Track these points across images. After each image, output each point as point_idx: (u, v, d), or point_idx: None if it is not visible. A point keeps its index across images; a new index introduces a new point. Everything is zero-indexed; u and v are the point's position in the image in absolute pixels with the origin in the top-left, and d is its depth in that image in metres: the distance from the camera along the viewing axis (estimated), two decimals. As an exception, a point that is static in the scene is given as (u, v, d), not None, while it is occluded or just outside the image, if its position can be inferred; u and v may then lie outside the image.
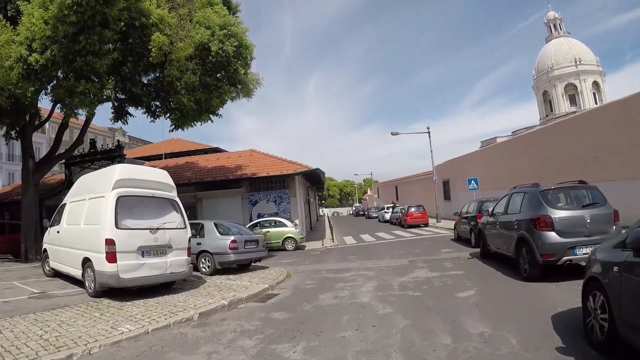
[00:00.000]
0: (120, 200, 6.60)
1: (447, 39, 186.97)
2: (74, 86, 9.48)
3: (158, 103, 13.03)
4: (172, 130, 12.95)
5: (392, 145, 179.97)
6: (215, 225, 10.04)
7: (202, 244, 9.62)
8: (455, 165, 26.56)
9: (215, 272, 9.43)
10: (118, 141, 20.56)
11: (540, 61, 45.93)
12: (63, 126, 13.96)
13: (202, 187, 19.11)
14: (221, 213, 18.80)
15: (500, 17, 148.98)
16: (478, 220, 10.67)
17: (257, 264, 10.98)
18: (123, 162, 20.54)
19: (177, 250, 7.22)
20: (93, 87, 9.70)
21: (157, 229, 6.95)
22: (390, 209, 31.37)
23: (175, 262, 7.13)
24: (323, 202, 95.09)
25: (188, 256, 7.50)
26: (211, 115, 13.24)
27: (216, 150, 26.86)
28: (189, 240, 7.62)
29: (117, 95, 13.09)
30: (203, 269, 9.56)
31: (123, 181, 6.84)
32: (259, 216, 18.33)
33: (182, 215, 7.59)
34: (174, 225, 7.30)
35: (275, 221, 16.21)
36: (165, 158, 24.57)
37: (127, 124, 14.37)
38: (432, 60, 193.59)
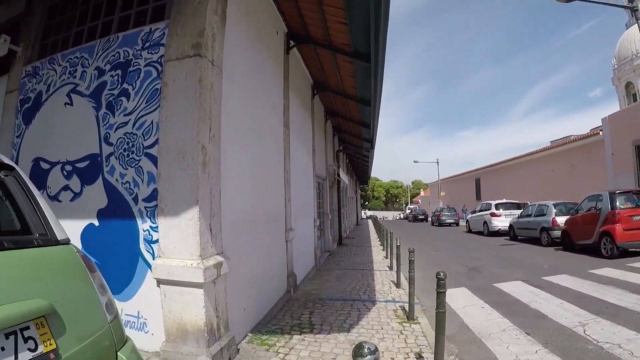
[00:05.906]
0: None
1: (499, 45, 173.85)
2: None
3: None
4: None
5: (440, 151, 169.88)
6: None
7: None
8: None
9: None
10: None
11: (622, 48, 37.08)
12: None
13: None
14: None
15: (552, 26, 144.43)
16: None
17: None
18: None
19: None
20: None
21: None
22: (501, 209, 15.63)
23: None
24: (366, 203, 78.95)
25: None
26: None
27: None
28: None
29: None
30: None
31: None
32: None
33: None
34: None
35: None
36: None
37: None
38: (482, 66, 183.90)
